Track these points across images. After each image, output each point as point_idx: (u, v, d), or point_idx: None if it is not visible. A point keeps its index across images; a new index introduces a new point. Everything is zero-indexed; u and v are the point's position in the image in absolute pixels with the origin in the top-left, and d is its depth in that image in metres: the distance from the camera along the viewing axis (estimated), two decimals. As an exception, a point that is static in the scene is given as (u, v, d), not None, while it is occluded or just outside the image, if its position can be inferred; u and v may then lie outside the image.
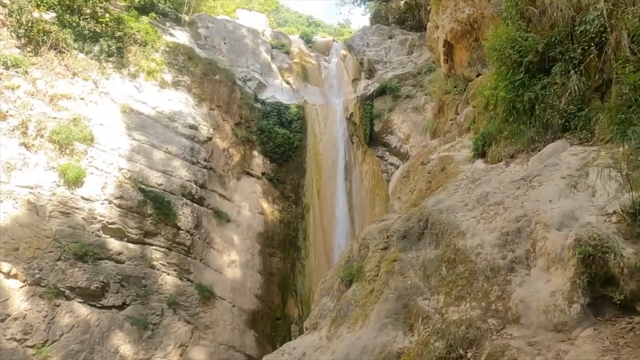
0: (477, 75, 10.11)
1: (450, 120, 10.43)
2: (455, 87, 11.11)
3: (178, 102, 17.56)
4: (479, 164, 7.26)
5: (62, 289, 12.12)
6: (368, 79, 25.33)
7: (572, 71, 6.24)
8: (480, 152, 7.55)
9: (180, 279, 14.68)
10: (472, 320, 4.28)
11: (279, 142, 20.24)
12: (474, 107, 9.06)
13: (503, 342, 3.79)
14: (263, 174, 19.41)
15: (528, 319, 4.10)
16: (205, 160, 17.09)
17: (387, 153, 21.08)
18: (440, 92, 11.88)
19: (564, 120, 6.36)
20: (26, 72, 14.39)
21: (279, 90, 22.78)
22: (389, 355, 4.58)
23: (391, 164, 20.65)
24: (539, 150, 6.35)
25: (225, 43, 23.33)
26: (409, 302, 5.18)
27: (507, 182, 5.93)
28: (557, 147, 5.97)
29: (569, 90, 6.10)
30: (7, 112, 13.35)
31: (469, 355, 3.88)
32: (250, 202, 18.18)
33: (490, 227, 5.19)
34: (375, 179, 20.18)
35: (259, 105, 20.99)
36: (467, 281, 4.82)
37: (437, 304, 4.89)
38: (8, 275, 11.35)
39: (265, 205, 18.56)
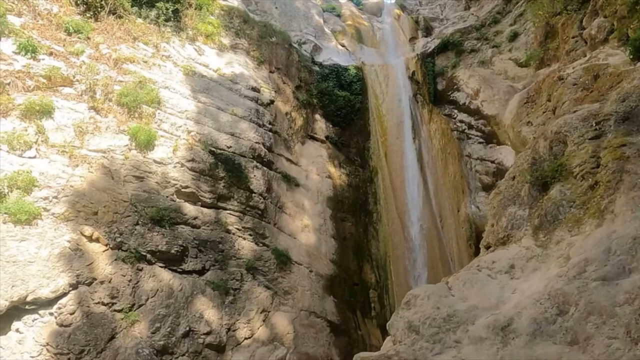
0: (597, -13, 8.81)
1: (573, 37, 9.18)
2: (566, 7, 9.82)
3: (238, 65, 16.85)
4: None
5: (144, 253, 11.68)
6: (425, 37, 23.96)
7: None
8: (645, 53, 6.35)
9: (256, 243, 14.06)
10: None
11: (340, 104, 19.33)
12: (605, 17, 7.82)
13: None
14: (327, 137, 18.56)
15: None
16: (270, 124, 16.35)
17: (455, 110, 19.78)
18: (547, 16, 10.58)
19: None
20: (88, 37, 13.98)
21: (335, 53, 21.80)
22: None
23: (461, 121, 19.37)
24: None
25: (276, 7, 22.44)
26: (677, 181, 4.18)
27: None
28: None
29: None
30: (73, 77, 12.93)
31: None
32: (317, 166, 17.39)
33: None
34: (445, 137, 18.96)
35: (316, 68, 20.10)
36: None
37: None
38: (90, 238, 10.95)
39: (332, 169, 17.72)
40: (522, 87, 12.98)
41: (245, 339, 12.52)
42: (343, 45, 22.78)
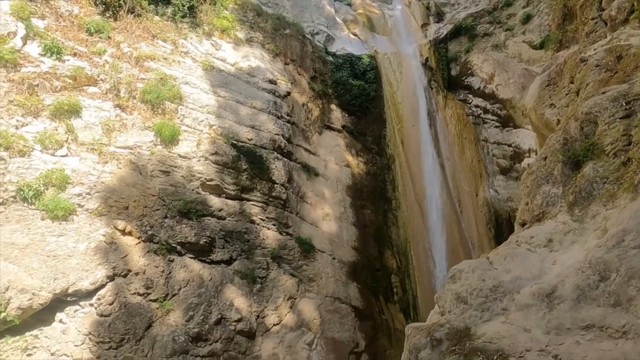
0: (615, -33, 8.86)
1: (592, 19, 9.27)
2: (584, -12, 9.91)
3: (254, 58, 17.07)
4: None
5: (174, 245, 12.07)
6: (437, 22, 23.92)
7: None
8: (667, 32, 6.48)
9: (280, 232, 14.39)
10: None
11: (355, 94, 19.49)
12: (625, -3, 7.93)
13: None
14: (343, 127, 18.76)
15: None
16: (288, 115, 16.60)
17: (470, 96, 19.82)
18: (563, -1, 10.68)
19: None
20: (109, 37, 14.28)
21: (347, 42, 21.89)
22: None
23: (476, 106, 19.43)
24: None
25: (287, -1, 22.54)
26: None
27: None
28: None
29: None
30: (97, 76, 13.27)
31: None
32: (335, 156, 17.63)
33: None
34: (461, 123, 19.06)
35: (330, 58, 20.26)
36: None
37: None
38: (124, 232, 11.37)
39: (350, 158, 17.95)
40: (538, 69, 13.05)
41: (274, 325, 12.89)
42: (355, 35, 22.87)
